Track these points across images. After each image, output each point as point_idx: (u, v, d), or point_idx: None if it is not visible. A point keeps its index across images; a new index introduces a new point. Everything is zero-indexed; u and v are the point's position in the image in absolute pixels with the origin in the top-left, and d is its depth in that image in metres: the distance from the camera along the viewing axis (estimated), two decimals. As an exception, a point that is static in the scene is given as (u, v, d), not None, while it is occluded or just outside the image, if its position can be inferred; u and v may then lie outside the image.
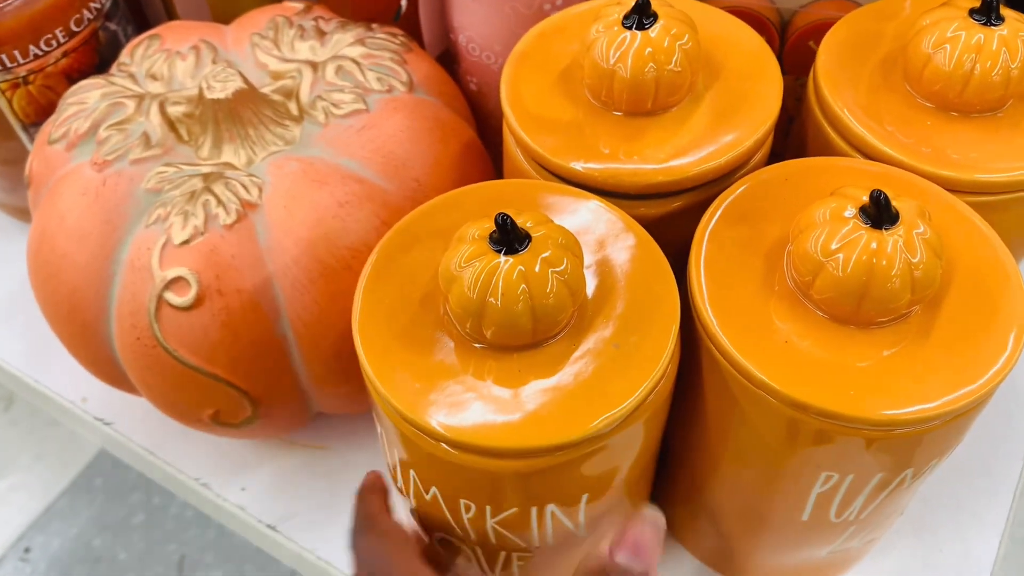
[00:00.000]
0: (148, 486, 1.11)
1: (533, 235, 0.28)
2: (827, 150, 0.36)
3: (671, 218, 0.34)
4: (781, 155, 0.41)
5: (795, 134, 0.40)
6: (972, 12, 0.33)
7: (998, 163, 0.33)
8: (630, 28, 0.33)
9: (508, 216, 0.27)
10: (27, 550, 1.07)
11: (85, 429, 0.46)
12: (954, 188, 0.32)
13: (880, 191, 0.27)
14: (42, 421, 1.18)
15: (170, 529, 1.07)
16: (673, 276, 0.31)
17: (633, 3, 0.33)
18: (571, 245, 0.29)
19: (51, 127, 0.40)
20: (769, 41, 0.42)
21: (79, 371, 0.42)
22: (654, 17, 0.33)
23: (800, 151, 0.38)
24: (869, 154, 0.34)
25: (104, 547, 1.06)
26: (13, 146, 0.46)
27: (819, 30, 0.41)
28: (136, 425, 0.45)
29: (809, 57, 0.42)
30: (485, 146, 0.44)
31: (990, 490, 0.42)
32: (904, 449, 0.29)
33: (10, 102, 0.44)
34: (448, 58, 0.47)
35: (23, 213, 0.52)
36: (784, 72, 0.43)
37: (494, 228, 0.28)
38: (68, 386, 0.47)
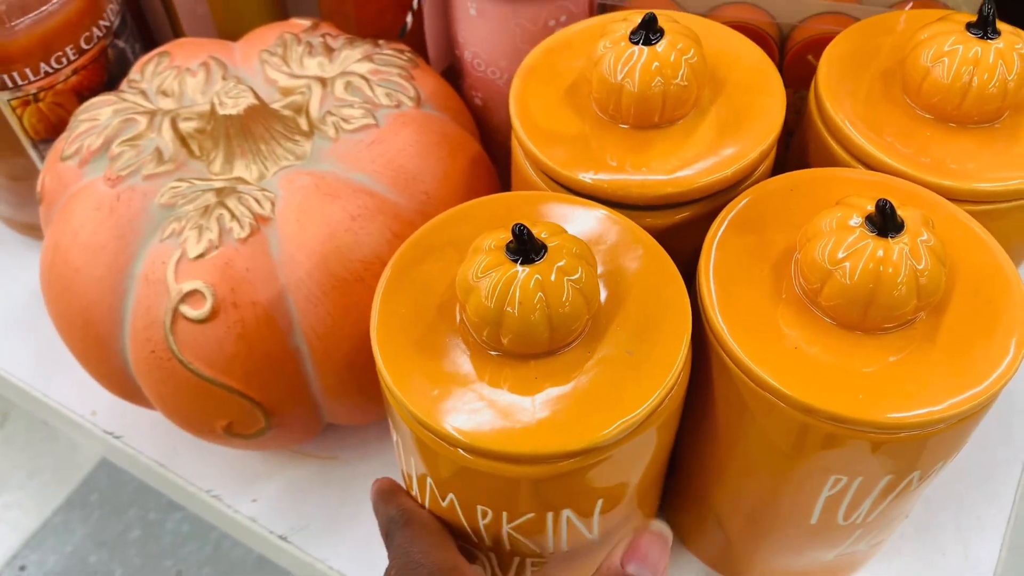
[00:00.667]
0: (144, 501, 1.11)
1: (548, 245, 0.29)
2: (829, 161, 0.36)
3: (678, 228, 0.34)
4: (783, 167, 0.41)
5: (796, 146, 0.40)
6: (969, 26, 0.34)
7: (996, 172, 0.34)
8: (637, 43, 0.34)
9: (525, 227, 0.28)
10: (22, 568, 1.07)
11: (94, 443, 0.47)
12: (954, 197, 0.33)
13: (886, 200, 0.28)
14: (37, 437, 1.17)
15: (167, 544, 1.07)
16: (683, 284, 0.31)
17: (640, 19, 0.34)
18: (585, 255, 0.29)
19: (63, 144, 0.41)
20: (769, 55, 0.43)
21: (87, 384, 0.43)
22: (660, 32, 0.34)
23: (802, 163, 0.39)
24: (870, 164, 0.35)
25: (100, 563, 1.06)
26: (22, 163, 0.47)
27: (818, 44, 0.42)
28: (145, 438, 0.46)
29: (808, 71, 0.43)
30: (491, 160, 0.45)
31: (991, 493, 0.42)
32: (911, 451, 0.29)
33: (20, 119, 0.44)
34: (453, 73, 0.47)
35: (30, 229, 0.52)
36: (785, 85, 0.44)
37: (511, 239, 0.28)
38: (77, 400, 0.47)
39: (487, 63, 0.44)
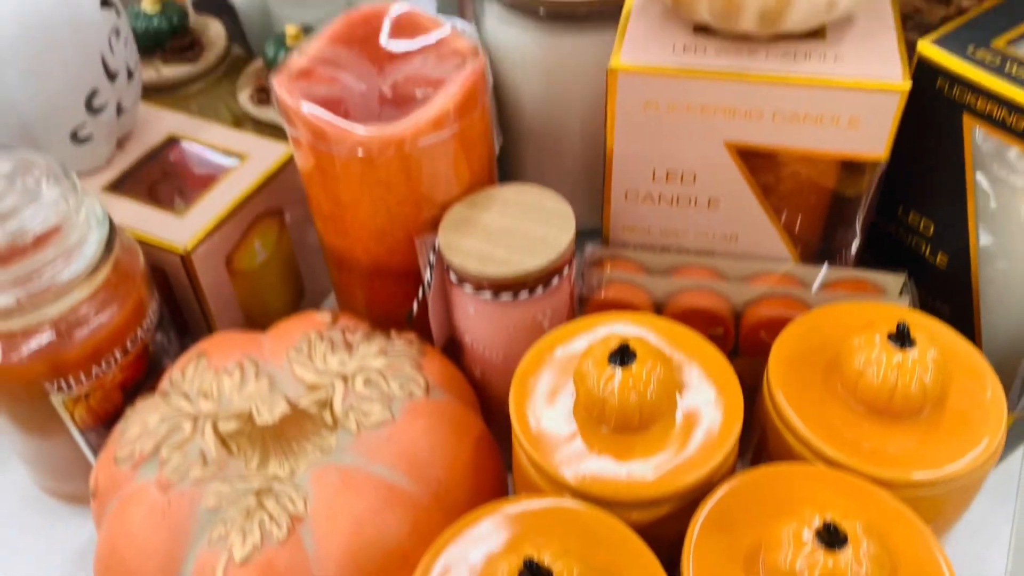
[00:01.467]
0: None
1: (554, 571, 0.34)
2: (781, 443, 0.43)
3: (660, 521, 0.40)
4: (748, 422, 0.48)
5: (756, 418, 0.47)
6: (890, 337, 0.41)
7: (925, 458, 0.40)
8: (615, 364, 0.40)
9: (534, 561, 0.33)
10: None
11: None
12: (892, 485, 0.39)
13: (829, 524, 0.34)
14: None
15: None
16: (667, 583, 0.37)
17: (617, 346, 0.40)
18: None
19: (115, 446, 0.46)
20: (727, 332, 0.50)
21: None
22: (633, 355, 0.40)
23: (762, 439, 0.45)
24: (816, 452, 0.41)
25: None
26: (71, 445, 0.52)
27: (768, 323, 0.49)
28: None
29: (760, 343, 0.50)
30: (489, 421, 0.51)
31: None
32: None
33: (72, 414, 0.50)
34: (454, 346, 0.54)
35: (73, 498, 0.57)
36: (741, 355, 0.51)
37: (523, 568, 0.34)
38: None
39: (484, 347, 0.50)
